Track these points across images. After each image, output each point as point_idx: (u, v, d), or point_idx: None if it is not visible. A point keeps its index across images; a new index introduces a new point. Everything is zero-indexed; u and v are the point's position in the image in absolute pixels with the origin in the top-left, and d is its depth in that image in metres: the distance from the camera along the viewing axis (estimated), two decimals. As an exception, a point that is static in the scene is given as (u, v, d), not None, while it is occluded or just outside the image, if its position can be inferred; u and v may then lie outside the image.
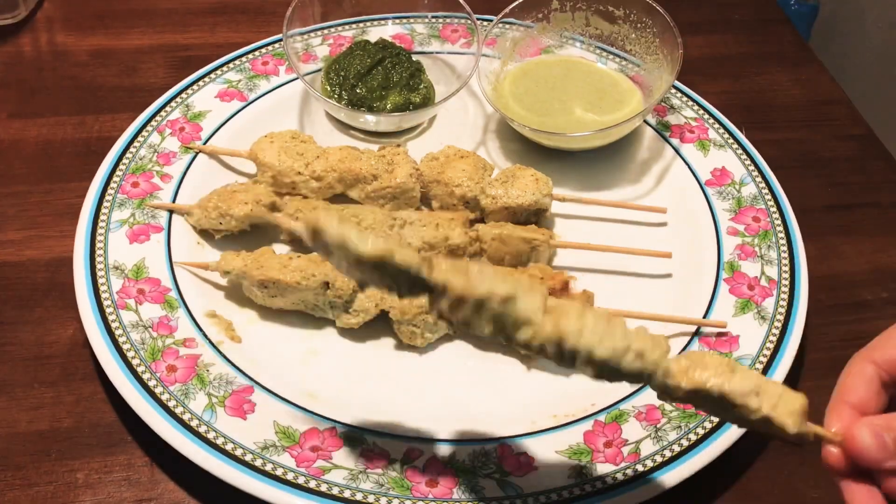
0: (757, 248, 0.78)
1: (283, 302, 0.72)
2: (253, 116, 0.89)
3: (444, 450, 0.64)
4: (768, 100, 1.01)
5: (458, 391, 0.70)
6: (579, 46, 0.96)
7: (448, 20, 0.99)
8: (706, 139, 0.89)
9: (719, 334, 0.72)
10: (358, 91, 0.88)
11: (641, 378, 0.49)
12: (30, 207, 0.82)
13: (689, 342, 0.72)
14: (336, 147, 0.82)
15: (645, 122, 0.91)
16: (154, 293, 0.72)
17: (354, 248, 0.46)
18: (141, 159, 0.82)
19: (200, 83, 0.90)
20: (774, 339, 0.71)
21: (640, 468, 0.63)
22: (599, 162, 0.89)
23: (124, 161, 0.82)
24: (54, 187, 0.84)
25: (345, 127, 0.91)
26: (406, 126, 0.91)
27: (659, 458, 0.63)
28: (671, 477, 0.62)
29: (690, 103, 0.93)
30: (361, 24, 0.98)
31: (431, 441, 0.65)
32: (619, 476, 0.62)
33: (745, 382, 0.47)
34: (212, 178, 0.82)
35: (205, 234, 0.79)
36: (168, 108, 0.87)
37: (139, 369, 0.66)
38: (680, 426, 0.65)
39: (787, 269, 0.76)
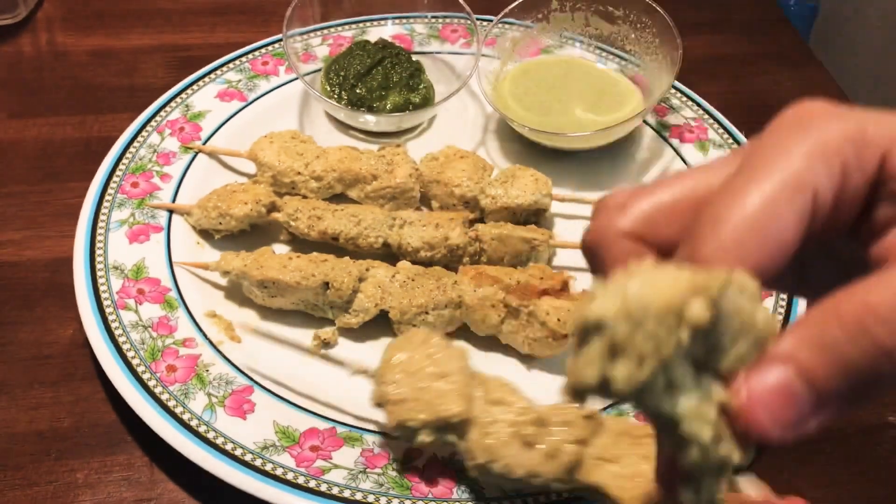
0: (757, 248, 0.78)
1: (282, 302, 0.72)
2: (253, 116, 0.89)
3: (443, 450, 0.64)
4: (768, 100, 1.01)
5: (457, 391, 0.70)
6: (579, 46, 0.96)
7: (448, 20, 0.99)
8: (706, 139, 0.89)
9: (719, 334, 0.72)
10: (358, 91, 0.88)
11: None
12: (29, 207, 0.82)
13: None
14: (336, 147, 0.82)
15: (645, 122, 0.91)
16: (154, 293, 0.72)
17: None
18: (141, 159, 0.82)
19: (200, 83, 0.90)
20: (774, 339, 0.71)
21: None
22: (599, 162, 0.89)
23: (124, 161, 0.82)
24: (54, 187, 0.84)
25: (344, 127, 0.91)
26: (406, 126, 0.91)
27: (659, 458, 0.63)
28: (671, 477, 0.62)
29: (690, 103, 0.93)
30: (361, 24, 0.98)
31: (431, 441, 0.65)
32: (619, 476, 0.62)
33: None
34: (211, 178, 0.82)
35: (204, 234, 0.79)
36: (168, 108, 0.87)
37: (139, 369, 0.66)
38: (680, 426, 0.65)
39: (786, 269, 0.76)
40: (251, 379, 0.68)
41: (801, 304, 0.73)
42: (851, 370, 0.27)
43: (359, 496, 0.60)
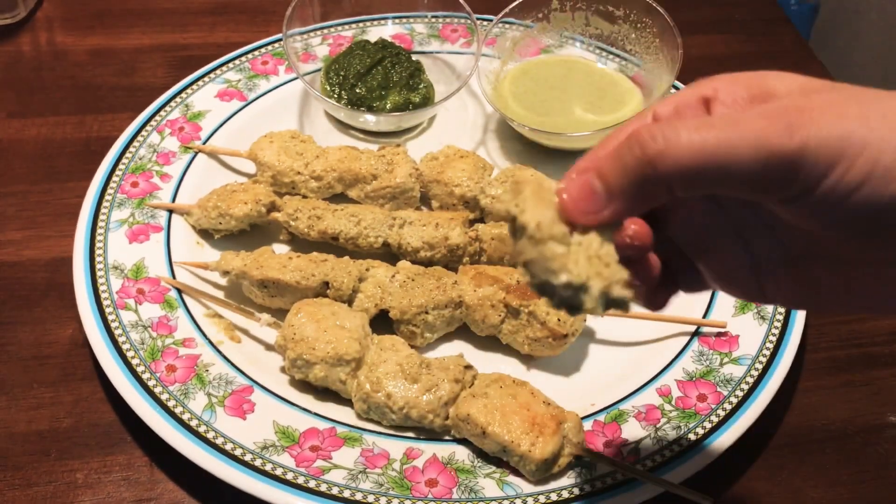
0: (757, 248, 0.78)
1: (282, 302, 0.72)
2: (252, 116, 0.89)
3: (443, 449, 0.64)
4: (768, 100, 1.00)
5: (457, 391, 0.70)
6: (579, 46, 0.96)
7: (448, 20, 0.99)
8: (706, 139, 0.89)
9: (719, 334, 0.72)
10: (358, 91, 0.88)
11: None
12: (29, 207, 0.82)
13: (688, 342, 0.72)
14: (336, 147, 0.82)
15: (645, 121, 0.91)
16: (153, 293, 0.72)
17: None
18: (140, 159, 0.82)
19: (200, 83, 0.90)
20: (774, 339, 0.71)
21: (639, 468, 0.62)
22: (599, 162, 0.88)
23: (124, 161, 0.82)
24: (54, 187, 0.84)
25: (344, 127, 0.91)
26: (406, 126, 0.91)
27: (658, 458, 0.63)
28: (671, 477, 0.62)
29: (690, 103, 0.92)
30: (361, 24, 0.98)
31: (431, 441, 0.65)
32: (619, 476, 0.62)
33: None
34: (211, 178, 0.82)
35: (204, 233, 0.79)
36: (168, 108, 0.87)
37: (139, 369, 0.66)
38: (679, 426, 0.65)
39: (787, 268, 0.76)
40: (251, 379, 0.68)
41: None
42: (629, 172, 0.38)
43: (359, 496, 0.60)
